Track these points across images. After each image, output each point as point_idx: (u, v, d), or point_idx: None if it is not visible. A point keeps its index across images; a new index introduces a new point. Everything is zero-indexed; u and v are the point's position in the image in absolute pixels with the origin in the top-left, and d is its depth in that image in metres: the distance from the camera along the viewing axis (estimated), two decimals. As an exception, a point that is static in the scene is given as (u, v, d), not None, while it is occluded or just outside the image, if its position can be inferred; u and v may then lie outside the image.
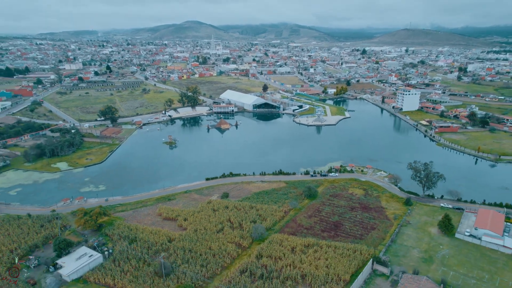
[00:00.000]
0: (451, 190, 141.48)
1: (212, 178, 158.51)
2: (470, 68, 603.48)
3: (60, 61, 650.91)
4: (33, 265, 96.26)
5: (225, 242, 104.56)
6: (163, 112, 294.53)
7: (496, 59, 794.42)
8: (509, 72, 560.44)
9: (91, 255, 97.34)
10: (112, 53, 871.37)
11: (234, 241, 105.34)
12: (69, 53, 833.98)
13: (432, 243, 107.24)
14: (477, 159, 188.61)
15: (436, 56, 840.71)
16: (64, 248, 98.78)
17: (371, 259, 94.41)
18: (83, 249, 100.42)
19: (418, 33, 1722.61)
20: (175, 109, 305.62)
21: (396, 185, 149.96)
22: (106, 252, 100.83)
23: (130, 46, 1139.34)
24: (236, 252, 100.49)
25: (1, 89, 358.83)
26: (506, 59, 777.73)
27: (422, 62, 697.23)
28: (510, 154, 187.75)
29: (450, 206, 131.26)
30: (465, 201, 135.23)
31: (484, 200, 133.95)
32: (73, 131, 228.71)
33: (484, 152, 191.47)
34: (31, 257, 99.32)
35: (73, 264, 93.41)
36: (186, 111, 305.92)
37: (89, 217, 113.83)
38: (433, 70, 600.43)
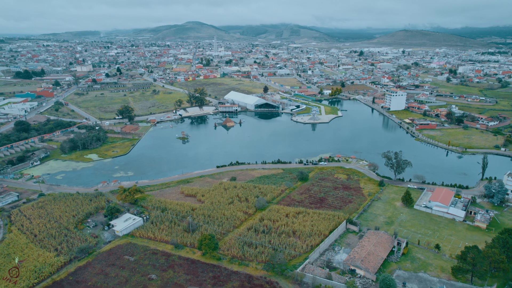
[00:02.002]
0: (417, 174, 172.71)
1: (222, 166, 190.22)
2: (460, 70, 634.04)
3: (70, 63, 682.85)
4: (92, 225, 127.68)
5: (235, 210, 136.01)
6: (174, 111, 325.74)
7: (488, 60, 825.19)
8: (496, 74, 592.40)
9: (134, 218, 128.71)
10: (118, 54, 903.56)
11: (242, 210, 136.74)
12: (77, 55, 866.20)
13: (395, 212, 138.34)
14: (447, 152, 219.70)
15: (431, 58, 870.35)
16: (114, 212, 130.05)
17: (345, 221, 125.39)
18: (127, 215, 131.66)
19: (416, 34, 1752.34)
20: (184, 109, 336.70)
21: (374, 171, 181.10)
22: (144, 217, 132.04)
23: (134, 47, 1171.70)
24: (243, 216, 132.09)
25: (23, 91, 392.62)
26: (497, 61, 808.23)
27: (416, 64, 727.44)
28: (475, 147, 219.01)
29: (415, 187, 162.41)
30: (428, 183, 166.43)
31: (443, 182, 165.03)
32: (97, 128, 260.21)
33: (454, 145, 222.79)
34: (89, 220, 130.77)
35: (122, 224, 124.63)
36: (195, 111, 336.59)
37: (128, 193, 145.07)
38: (425, 71, 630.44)
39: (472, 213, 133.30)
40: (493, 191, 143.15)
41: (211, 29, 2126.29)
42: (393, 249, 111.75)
